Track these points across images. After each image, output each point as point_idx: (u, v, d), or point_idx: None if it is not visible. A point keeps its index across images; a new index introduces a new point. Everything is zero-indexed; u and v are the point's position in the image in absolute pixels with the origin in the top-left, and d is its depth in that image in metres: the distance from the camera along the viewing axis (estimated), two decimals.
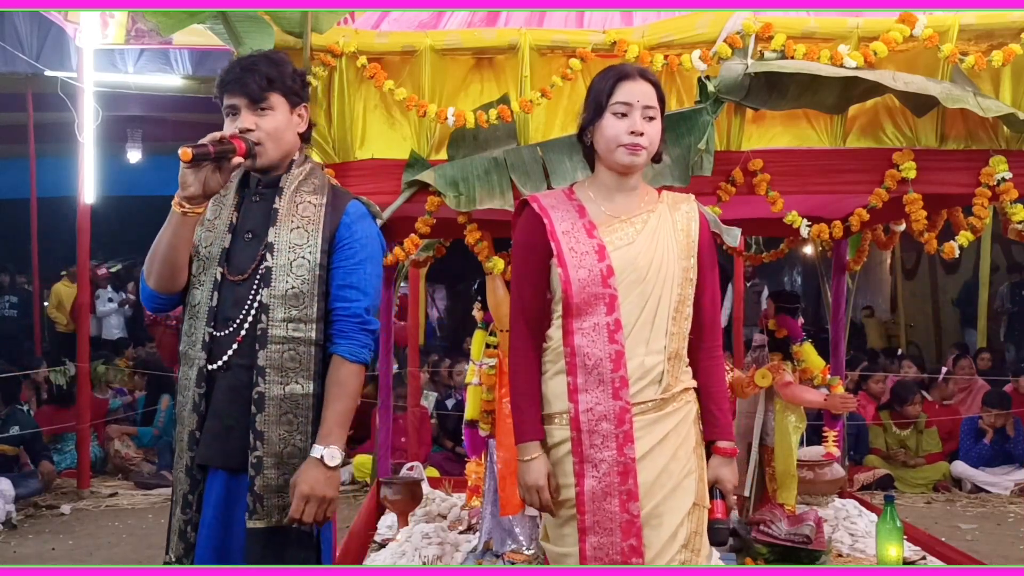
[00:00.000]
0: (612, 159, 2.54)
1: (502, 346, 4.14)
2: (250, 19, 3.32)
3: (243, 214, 2.55)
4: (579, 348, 2.52)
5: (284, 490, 2.40)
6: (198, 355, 2.47)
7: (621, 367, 2.49)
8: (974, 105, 3.26)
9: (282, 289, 2.44)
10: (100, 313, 11.83)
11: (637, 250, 2.54)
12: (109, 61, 8.90)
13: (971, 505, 7.31)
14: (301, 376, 2.44)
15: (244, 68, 2.47)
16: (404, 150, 3.53)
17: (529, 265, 2.62)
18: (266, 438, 2.40)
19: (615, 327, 2.50)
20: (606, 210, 2.59)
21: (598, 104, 2.55)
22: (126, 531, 6.37)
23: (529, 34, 3.44)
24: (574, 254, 2.53)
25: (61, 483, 7.59)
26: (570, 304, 2.52)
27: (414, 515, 4.85)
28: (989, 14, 3.40)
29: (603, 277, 2.51)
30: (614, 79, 2.54)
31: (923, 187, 3.49)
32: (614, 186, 2.61)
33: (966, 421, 8.09)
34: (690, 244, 2.59)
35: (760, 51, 3.33)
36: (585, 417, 2.50)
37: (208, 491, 2.48)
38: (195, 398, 2.46)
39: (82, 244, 7.62)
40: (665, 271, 2.53)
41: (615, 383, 2.49)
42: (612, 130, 2.52)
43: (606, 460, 2.49)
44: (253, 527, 2.40)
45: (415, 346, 7.64)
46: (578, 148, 3.37)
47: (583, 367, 2.51)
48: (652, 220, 2.59)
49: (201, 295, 2.50)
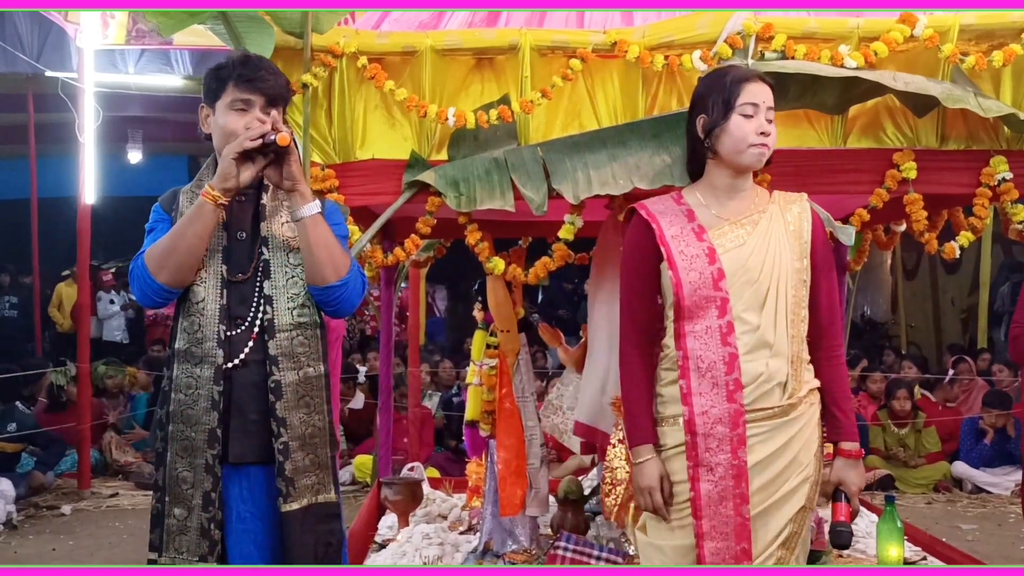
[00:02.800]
0: (739, 160, 2.55)
1: (503, 346, 4.14)
2: (250, 19, 3.32)
3: (230, 215, 2.57)
4: (692, 351, 2.51)
5: (311, 471, 2.51)
6: (212, 353, 2.48)
7: (735, 370, 2.48)
8: (975, 105, 3.26)
9: (283, 279, 2.53)
10: (102, 315, 11.83)
11: (748, 251, 2.54)
12: (110, 61, 8.90)
13: (972, 505, 7.31)
14: (312, 359, 2.54)
15: (267, 69, 2.54)
16: (404, 150, 3.52)
17: (639, 272, 2.63)
18: (288, 423, 2.48)
19: (727, 329, 2.49)
20: (716, 213, 2.60)
21: (726, 105, 2.54)
22: (127, 531, 6.38)
23: (529, 34, 3.44)
24: (684, 257, 2.53)
25: (62, 483, 7.61)
26: (681, 307, 2.52)
27: (415, 515, 4.86)
28: (990, 14, 3.39)
29: (714, 280, 2.50)
30: (739, 80, 2.56)
31: (924, 187, 3.48)
32: (727, 188, 2.61)
33: (966, 421, 8.10)
34: (803, 245, 2.58)
35: (760, 51, 3.32)
36: (700, 420, 2.49)
37: (231, 487, 2.51)
38: (214, 395, 2.47)
39: (82, 244, 7.63)
40: (778, 272, 2.53)
41: (729, 386, 2.48)
42: (741, 131, 2.52)
43: (721, 464, 2.48)
44: (288, 510, 2.47)
45: (415, 346, 7.65)
46: (579, 148, 3.40)
47: (696, 370, 2.50)
48: (763, 221, 2.58)
49: (205, 292, 2.51)
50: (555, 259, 3.55)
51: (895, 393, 8.16)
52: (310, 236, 2.46)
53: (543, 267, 3.58)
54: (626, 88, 3.46)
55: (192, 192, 2.58)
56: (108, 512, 6.99)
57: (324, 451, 2.54)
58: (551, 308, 12.72)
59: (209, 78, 2.56)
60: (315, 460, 2.52)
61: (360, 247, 3.53)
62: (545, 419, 4.77)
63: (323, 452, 2.54)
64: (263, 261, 2.53)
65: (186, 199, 2.58)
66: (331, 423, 2.59)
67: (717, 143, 2.57)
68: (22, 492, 6.98)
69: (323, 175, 3.47)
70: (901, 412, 8.05)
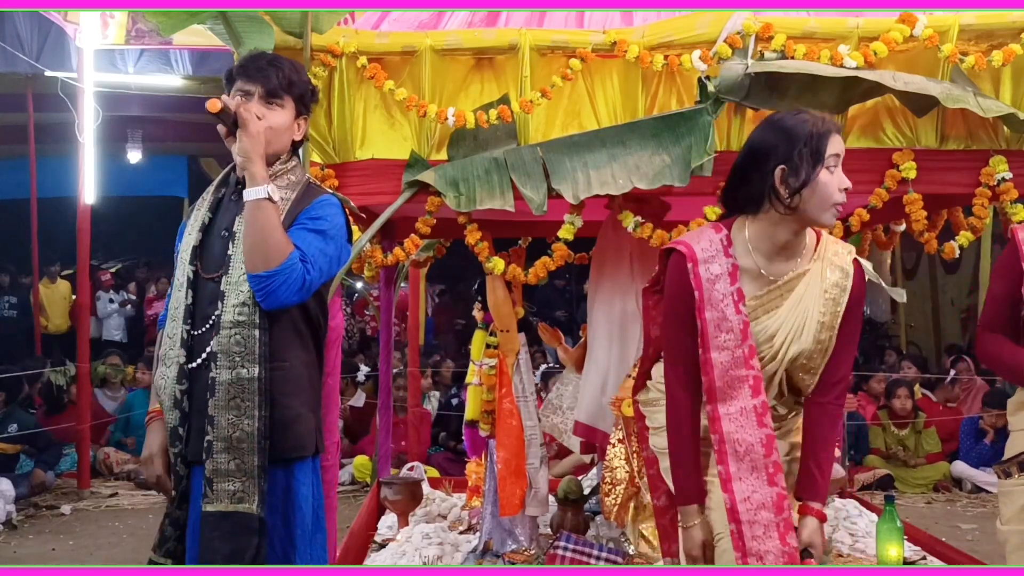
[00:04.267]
0: (821, 218, 2.35)
1: (502, 346, 4.14)
2: (250, 19, 3.32)
3: (222, 213, 2.58)
4: (728, 435, 2.35)
5: (235, 476, 2.41)
6: (177, 353, 2.48)
7: (772, 452, 2.34)
8: (974, 105, 3.26)
9: (236, 276, 2.46)
10: (101, 314, 11.83)
11: (775, 325, 2.40)
12: (109, 61, 8.88)
13: (971, 505, 7.31)
14: (247, 360, 2.43)
15: (270, 62, 2.55)
16: (404, 150, 3.53)
17: (680, 314, 2.43)
18: (216, 422, 2.42)
19: (763, 410, 2.35)
20: (764, 270, 2.41)
21: (817, 156, 2.32)
22: (127, 531, 6.36)
23: (529, 34, 3.44)
24: (718, 334, 2.36)
25: (62, 483, 7.60)
26: (713, 388, 2.37)
27: (414, 515, 4.86)
28: (989, 14, 3.40)
29: (746, 358, 2.36)
30: (826, 132, 2.34)
31: (923, 187, 3.49)
32: (780, 243, 2.40)
33: (966, 421, 8.11)
34: (835, 315, 2.40)
35: (760, 51, 3.32)
36: (743, 507, 2.33)
37: (196, 486, 2.49)
38: (176, 394, 2.47)
39: (82, 244, 7.62)
40: (795, 348, 2.39)
41: (768, 468, 2.34)
42: (829, 188, 2.32)
43: (771, 551, 2.31)
44: (206, 511, 2.41)
45: (415, 346, 7.64)
46: (578, 148, 3.39)
47: (734, 454, 2.35)
48: (799, 287, 2.41)
49: (180, 296, 2.53)
50: (555, 259, 3.56)
51: (895, 392, 8.17)
52: (247, 220, 2.42)
53: (543, 267, 3.58)
54: (626, 88, 3.46)
55: (201, 199, 2.65)
56: (108, 512, 6.98)
57: (251, 458, 2.41)
58: (546, 308, 12.70)
59: (225, 74, 2.59)
60: (240, 466, 2.41)
61: (360, 247, 3.53)
62: (545, 419, 4.78)
63: (250, 460, 2.41)
64: (227, 256, 2.50)
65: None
66: (263, 430, 2.43)
67: (800, 199, 2.33)
68: (23, 491, 6.97)
69: (323, 175, 3.47)
70: (902, 411, 8.05)
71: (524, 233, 5.08)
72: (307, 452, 2.56)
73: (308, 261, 2.45)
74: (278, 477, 2.49)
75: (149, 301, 12.12)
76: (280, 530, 2.50)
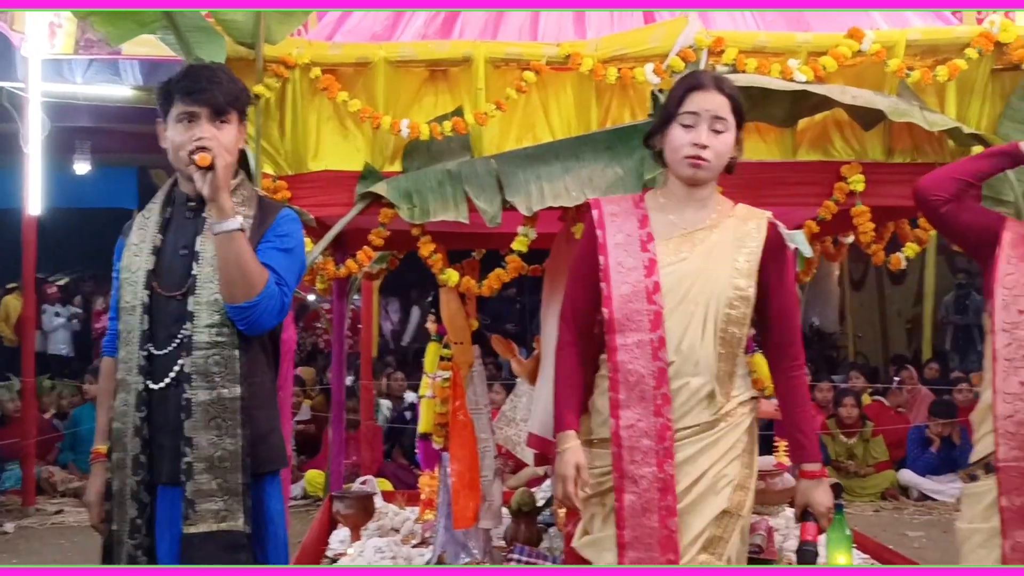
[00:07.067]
0: (677, 170, 2.54)
1: (456, 358, 4.14)
2: (201, 30, 3.28)
3: (175, 231, 2.55)
4: (622, 364, 2.50)
5: (218, 495, 2.40)
6: (134, 379, 2.45)
7: (664, 384, 2.48)
8: (920, 119, 3.32)
9: (207, 296, 2.44)
10: (47, 328, 11.62)
11: (688, 268, 2.52)
12: (57, 71, 8.73)
13: (918, 513, 7.43)
14: (228, 380, 2.43)
15: (210, 80, 2.48)
16: (358, 162, 3.51)
17: (582, 271, 2.63)
18: (195, 443, 2.40)
19: (659, 344, 2.48)
20: (673, 219, 2.58)
21: (668, 112, 2.53)
22: (72, 549, 6.25)
23: (483, 47, 3.45)
24: (620, 269, 2.52)
25: (5, 501, 7.44)
26: (612, 319, 2.51)
27: (367, 529, 4.82)
28: (935, 30, 3.47)
29: (648, 292, 2.50)
30: (685, 88, 2.53)
31: (871, 199, 3.54)
32: (683, 196, 2.59)
33: (913, 430, 8.24)
34: (750, 264, 2.55)
35: (712, 65, 3.36)
36: (626, 433, 2.48)
37: (160, 511, 2.46)
38: (136, 422, 2.44)
39: (28, 257, 7.50)
40: (710, 290, 2.51)
41: (657, 400, 2.48)
42: (676, 140, 2.51)
43: (646, 476, 2.47)
44: (187, 532, 2.39)
45: (367, 359, 7.61)
46: (532, 160, 3.41)
47: (625, 383, 2.50)
48: (713, 236, 2.56)
49: (133, 320, 2.49)
50: (509, 271, 3.56)
51: (842, 401, 8.29)
52: (221, 254, 2.40)
53: (497, 279, 3.58)
54: (579, 100, 3.48)
55: (143, 217, 2.60)
56: (53, 530, 6.85)
57: (235, 476, 2.42)
58: (497, 320, 12.72)
59: (159, 92, 2.53)
60: (223, 485, 2.41)
61: (312, 259, 3.50)
62: (499, 431, 4.77)
63: (233, 478, 2.42)
64: (191, 277, 2.47)
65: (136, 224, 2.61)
66: (245, 448, 2.44)
67: (664, 152, 2.57)
68: None
69: (275, 186, 3.44)
70: (848, 420, 8.15)
71: (478, 245, 5.08)
72: (277, 466, 2.57)
73: (283, 283, 2.47)
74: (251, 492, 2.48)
75: (97, 314, 11.94)
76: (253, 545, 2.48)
